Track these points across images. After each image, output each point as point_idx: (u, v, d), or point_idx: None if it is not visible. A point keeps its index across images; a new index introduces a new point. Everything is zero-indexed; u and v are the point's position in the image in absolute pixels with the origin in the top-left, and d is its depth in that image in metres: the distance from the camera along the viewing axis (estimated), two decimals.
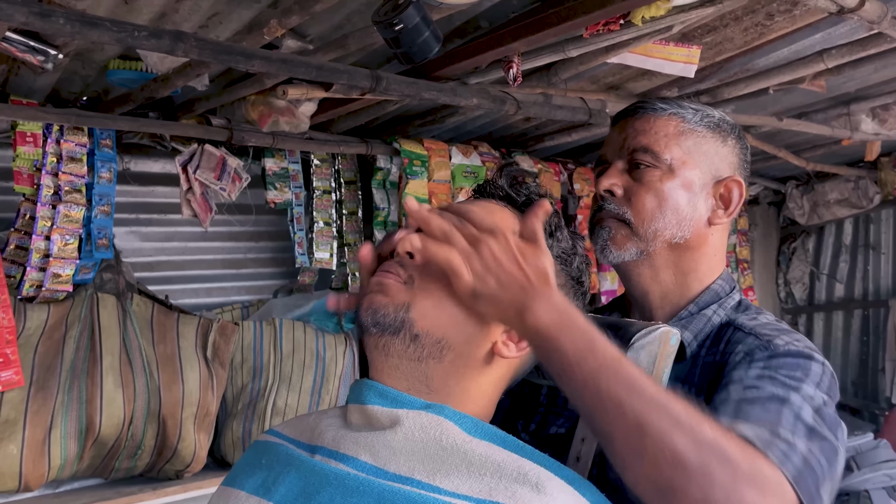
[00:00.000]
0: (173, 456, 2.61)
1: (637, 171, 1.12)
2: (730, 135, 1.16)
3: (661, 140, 1.11)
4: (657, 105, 1.14)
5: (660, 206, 1.10)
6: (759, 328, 1.04)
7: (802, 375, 0.93)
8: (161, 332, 2.62)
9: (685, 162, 1.11)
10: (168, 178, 2.92)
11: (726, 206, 1.14)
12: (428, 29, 1.48)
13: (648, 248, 1.12)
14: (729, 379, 0.96)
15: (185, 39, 1.65)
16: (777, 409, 0.87)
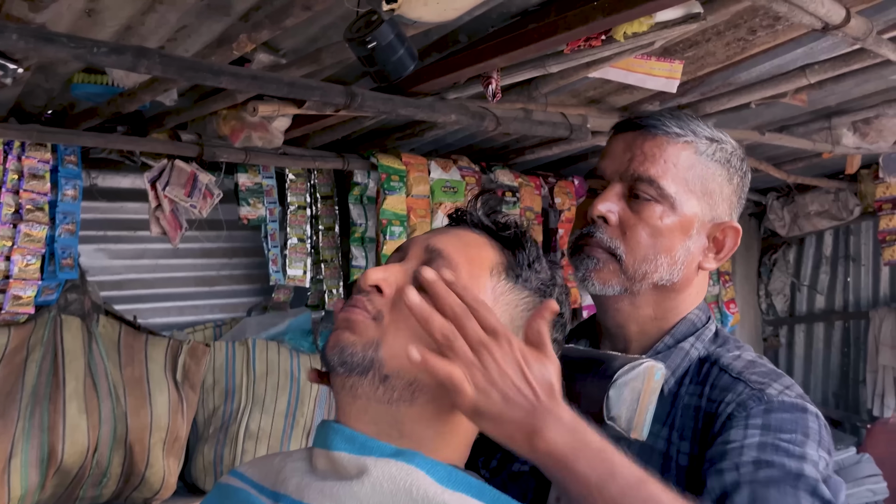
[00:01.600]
0: (141, 483, 2.53)
1: (637, 202, 1.04)
2: (736, 172, 1.09)
3: (670, 171, 1.03)
4: (671, 127, 1.04)
5: (654, 247, 1.03)
6: (746, 373, 0.99)
7: (803, 438, 0.89)
8: (129, 355, 2.54)
9: (688, 199, 1.04)
10: (137, 194, 2.84)
11: (718, 250, 1.08)
12: (402, 46, 1.42)
13: (633, 287, 1.06)
14: (727, 440, 0.91)
15: (148, 55, 1.58)
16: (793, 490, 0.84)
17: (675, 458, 0.97)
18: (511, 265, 0.87)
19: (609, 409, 0.89)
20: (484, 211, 0.90)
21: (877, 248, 4.48)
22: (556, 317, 0.90)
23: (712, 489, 0.87)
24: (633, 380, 0.90)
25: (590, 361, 0.95)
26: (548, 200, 3.61)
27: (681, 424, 0.99)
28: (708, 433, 0.95)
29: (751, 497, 0.84)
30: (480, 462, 1.09)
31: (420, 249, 0.86)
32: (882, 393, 4.42)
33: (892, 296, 4.56)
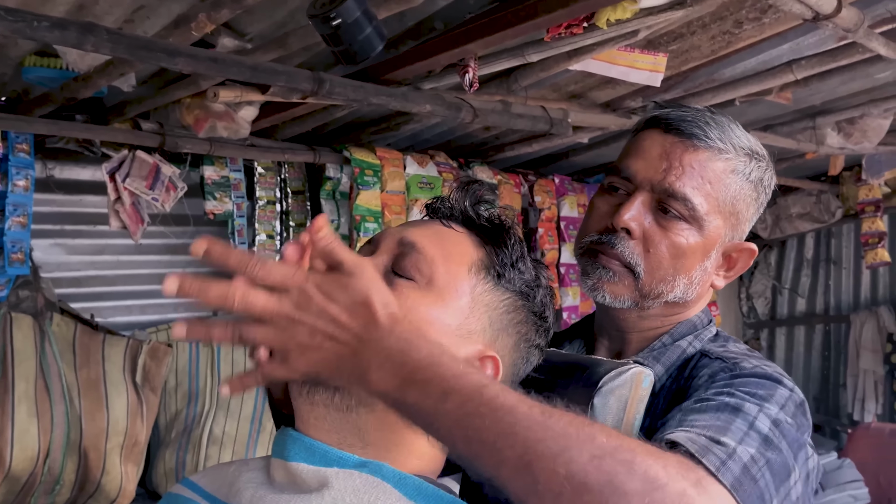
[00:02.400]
0: (97, 491, 2.42)
1: (665, 217, 0.97)
2: (764, 191, 1.03)
3: (705, 190, 0.96)
4: (714, 140, 0.97)
5: (674, 268, 0.98)
6: (726, 353, 0.94)
7: (766, 395, 0.82)
8: (84, 355, 2.43)
9: (716, 220, 0.98)
10: (98, 187, 2.72)
11: (729, 268, 1.03)
12: (370, 25, 1.32)
13: (645, 303, 1.00)
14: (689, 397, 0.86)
15: (95, 32, 1.47)
16: (728, 417, 0.76)
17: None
18: (493, 263, 0.80)
19: (594, 418, 0.83)
20: (469, 202, 0.83)
21: (858, 251, 4.47)
22: (540, 321, 0.83)
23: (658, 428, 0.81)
24: (619, 387, 0.84)
25: (573, 367, 0.89)
26: (528, 199, 3.55)
27: (661, 411, 0.94)
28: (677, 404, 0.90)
29: (682, 418, 0.78)
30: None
31: (392, 242, 0.79)
32: (863, 397, 4.41)
33: (872, 299, 4.55)
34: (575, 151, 3.41)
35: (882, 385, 4.39)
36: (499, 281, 0.79)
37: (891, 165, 3.88)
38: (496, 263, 0.80)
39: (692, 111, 1.00)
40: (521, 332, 0.81)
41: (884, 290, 4.51)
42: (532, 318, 0.82)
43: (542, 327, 0.84)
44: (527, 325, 0.82)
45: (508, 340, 0.80)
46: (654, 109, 1.05)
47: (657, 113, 1.02)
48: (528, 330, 0.82)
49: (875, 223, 4.15)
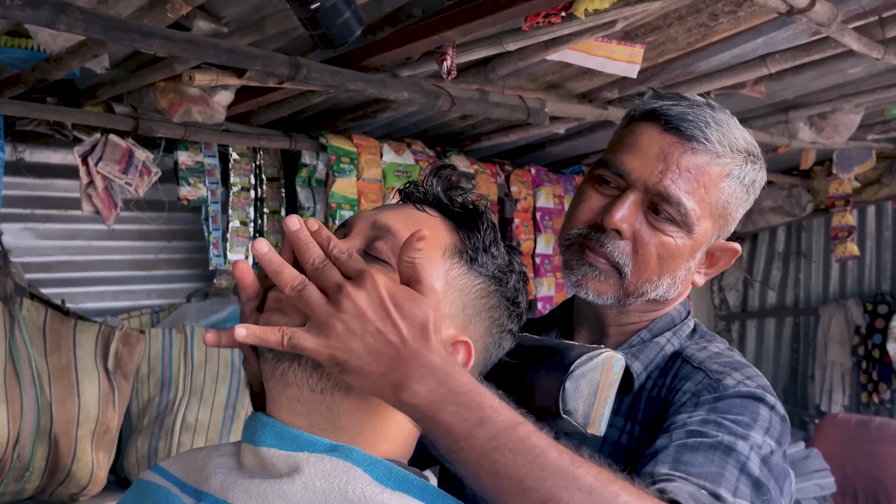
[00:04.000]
0: (67, 478, 2.38)
1: (656, 218, 0.96)
2: (752, 194, 1.01)
3: (699, 194, 0.95)
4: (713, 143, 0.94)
5: (661, 268, 0.98)
6: (708, 362, 0.94)
7: (750, 421, 0.84)
8: (55, 341, 2.38)
9: (707, 224, 0.98)
10: (69, 171, 2.69)
11: (710, 265, 1.03)
12: (348, 9, 1.31)
13: (628, 301, 1.00)
14: (672, 422, 0.86)
15: (68, 11, 1.44)
16: (721, 459, 0.78)
17: (639, 451, 0.92)
18: (466, 248, 0.79)
19: (565, 402, 0.84)
20: (441, 186, 0.83)
21: (828, 245, 4.54)
22: (513, 307, 0.83)
23: (644, 457, 0.82)
24: (590, 371, 0.84)
25: (545, 351, 0.89)
26: (504, 189, 3.55)
27: (643, 417, 0.95)
28: (661, 421, 0.90)
29: (675, 457, 0.79)
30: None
31: (366, 226, 0.78)
32: (830, 388, 4.48)
33: (841, 292, 4.62)
34: (552, 142, 3.42)
35: (849, 377, 4.46)
36: (472, 265, 0.79)
37: (861, 161, 3.94)
38: (469, 248, 0.80)
39: (693, 107, 0.97)
40: (494, 317, 0.81)
41: (852, 283, 4.58)
42: (505, 303, 0.82)
43: (515, 312, 0.84)
44: (499, 309, 0.82)
45: (481, 325, 0.80)
46: (652, 99, 1.00)
47: (655, 106, 0.98)
48: (500, 315, 0.82)
49: (845, 217, 4.21)
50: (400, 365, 0.67)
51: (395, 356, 0.67)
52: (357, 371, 0.67)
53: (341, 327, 0.66)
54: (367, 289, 0.67)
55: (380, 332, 0.66)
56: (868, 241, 4.49)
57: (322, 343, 0.67)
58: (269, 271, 0.69)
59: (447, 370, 0.68)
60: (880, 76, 2.71)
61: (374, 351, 0.67)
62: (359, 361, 0.67)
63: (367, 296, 0.67)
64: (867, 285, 4.51)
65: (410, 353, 0.67)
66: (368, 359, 0.67)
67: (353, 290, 0.67)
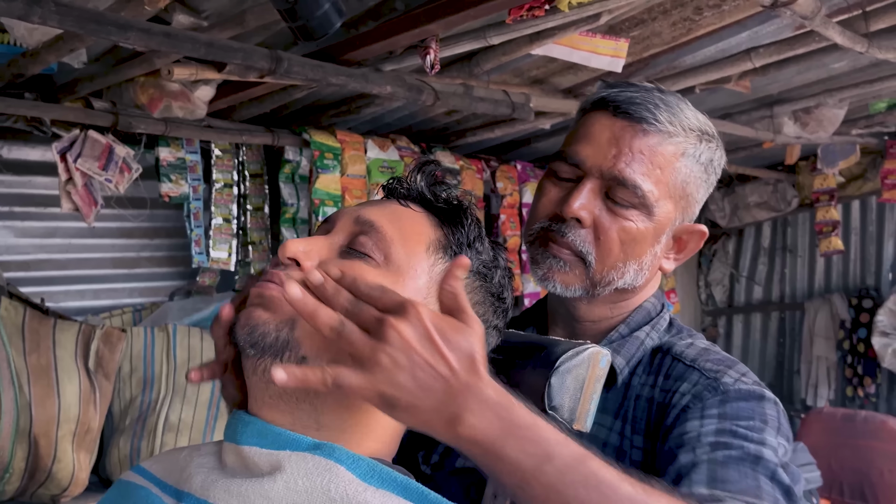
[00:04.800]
0: (48, 479, 2.35)
1: (615, 204, 0.96)
2: (714, 172, 1.01)
3: (655, 176, 0.95)
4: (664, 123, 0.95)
5: (625, 255, 0.97)
6: (700, 360, 0.94)
7: (761, 424, 0.85)
8: (34, 341, 2.35)
9: (667, 205, 0.97)
10: (48, 167, 2.65)
11: (679, 250, 1.03)
12: (328, 1, 1.29)
13: (596, 291, 0.99)
14: (684, 431, 0.86)
15: (42, 4, 1.41)
16: (753, 471, 0.80)
17: (629, 452, 0.93)
18: (450, 243, 0.79)
19: (551, 398, 0.83)
20: (425, 182, 0.82)
21: (813, 240, 4.56)
22: (498, 302, 0.83)
23: (668, 473, 0.82)
24: (576, 367, 0.84)
25: (531, 347, 0.89)
26: (490, 185, 3.54)
27: (633, 417, 0.95)
28: (661, 425, 0.90)
29: (709, 475, 0.79)
30: (421, 457, 1.02)
31: (349, 221, 0.78)
32: (816, 383, 4.50)
33: (826, 287, 4.64)
34: (537, 138, 3.41)
35: (834, 371, 4.48)
36: None
37: (845, 155, 3.96)
38: (453, 243, 0.79)
39: (641, 91, 0.97)
40: (479, 313, 0.80)
41: (837, 277, 4.60)
42: (490, 299, 0.82)
43: (500, 308, 0.84)
44: (484, 305, 0.81)
45: None
46: (602, 89, 1.01)
47: (604, 94, 0.99)
48: (485, 311, 0.81)
49: (829, 212, 4.23)
50: (453, 399, 0.65)
51: (447, 389, 0.64)
52: (408, 408, 0.65)
53: (388, 361, 0.64)
54: (410, 320, 0.65)
55: (428, 364, 0.64)
56: (852, 236, 4.52)
57: (368, 380, 0.64)
58: (304, 315, 0.66)
59: (504, 404, 0.66)
60: (864, 71, 2.72)
61: (425, 384, 0.64)
62: (409, 397, 0.64)
63: (412, 327, 0.64)
64: (852, 280, 4.54)
65: (463, 386, 0.65)
66: (420, 394, 0.64)
67: (397, 321, 0.64)
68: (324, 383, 0.65)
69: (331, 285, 0.68)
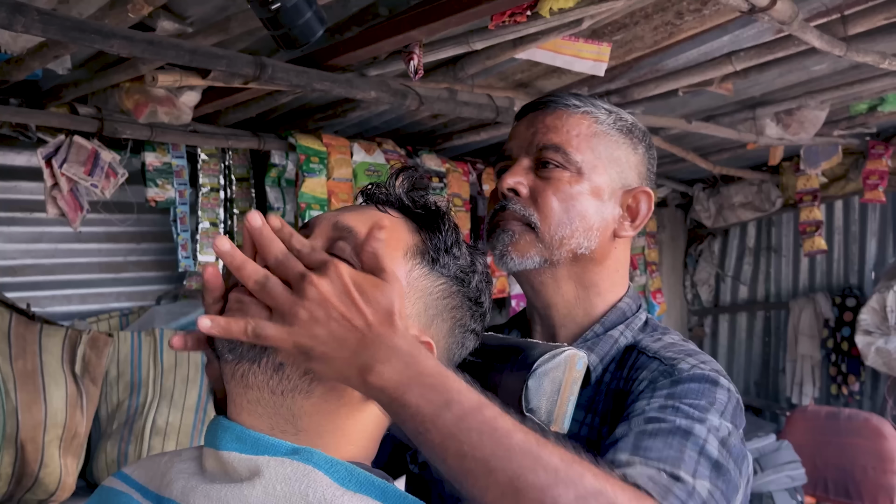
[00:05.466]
0: (35, 484, 2.35)
1: (545, 171, 1.02)
2: (641, 142, 1.08)
3: (573, 140, 1.02)
4: (570, 101, 1.05)
5: (567, 212, 1.01)
6: (662, 351, 0.96)
7: (707, 404, 0.85)
8: (20, 346, 2.34)
9: (596, 166, 1.02)
10: (34, 173, 2.64)
11: (633, 217, 1.06)
12: (310, 9, 1.31)
13: (553, 256, 1.02)
14: (631, 410, 0.88)
15: (25, 12, 1.42)
16: (680, 443, 0.79)
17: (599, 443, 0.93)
18: (427, 248, 0.80)
19: (528, 400, 0.85)
20: (404, 188, 0.84)
21: (797, 240, 4.60)
22: (475, 307, 0.84)
23: (604, 446, 0.83)
24: (553, 369, 0.85)
25: (509, 350, 0.90)
26: (476, 187, 3.55)
27: (602, 410, 0.97)
28: (620, 411, 0.92)
29: (634, 444, 0.80)
30: (409, 456, 1.03)
31: (327, 226, 0.79)
32: (801, 381, 4.54)
33: (810, 286, 4.68)
34: None
35: (819, 369, 4.52)
36: (433, 266, 0.80)
37: (827, 156, 3.99)
38: (431, 248, 0.80)
39: (555, 94, 1.07)
40: (457, 318, 0.82)
41: (821, 277, 4.64)
42: (467, 304, 0.83)
43: (478, 312, 0.84)
44: (462, 310, 0.82)
45: (443, 325, 0.80)
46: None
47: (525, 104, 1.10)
48: (463, 315, 0.82)
49: (813, 212, 4.27)
50: (366, 348, 0.67)
51: (361, 340, 0.67)
52: (322, 357, 0.68)
53: (305, 314, 0.67)
54: (330, 276, 0.68)
55: (344, 318, 0.67)
56: (836, 236, 4.56)
57: (286, 331, 0.67)
58: (231, 267, 0.69)
59: (413, 353, 0.68)
60: (844, 73, 2.75)
61: (340, 336, 0.67)
62: (324, 347, 0.67)
63: (331, 283, 0.67)
64: (835, 279, 4.58)
65: (376, 336, 0.67)
66: (334, 344, 0.67)
67: (317, 278, 0.67)
68: (244, 332, 0.67)
69: (267, 232, 0.70)
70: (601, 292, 1.05)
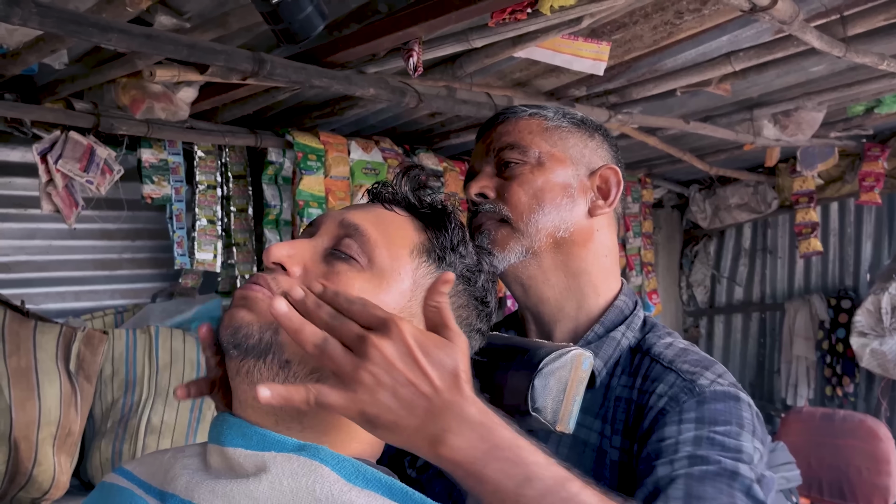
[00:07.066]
0: (28, 482, 2.32)
1: (507, 170, 1.06)
2: (595, 131, 1.11)
3: (527, 136, 1.06)
4: (518, 109, 1.10)
5: (536, 198, 1.03)
6: (678, 361, 0.95)
7: (738, 428, 0.86)
8: (14, 343, 2.32)
9: (553, 154, 1.06)
10: (28, 169, 2.63)
11: (605, 196, 1.07)
12: (310, 3, 1.30)
13: (533, 244, 1.03)
14: (662, 437, 0.87)
15: (22, 4, 1.40)
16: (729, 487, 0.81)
17: (609, 452, 0.94)
18: (434, 247, 0.80)
19: (534, 400, 0.84)
20: (410, 186, 0.83)
21: (793, 241, 4.61)
22: (482, 306, 0.83)
23: (646, 485, 0.83)
24: (559, 369, 0.85)
25: (515, 350, 0.90)
26: None
27: (613, 417, 0.95)
28: (638, 426, 0.91)
29: (686, 491, 0.80)
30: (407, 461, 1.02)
31: (334, 225, 0.78)
32: (795, 382, 4.55)
33: (806, 287, 4.69)
34: None
35: (814, 371, 4.54)
36: (440, 265, 0.79)
37: (824, 158, 4.01)
38: (437, 247, 0.80)
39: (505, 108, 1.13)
40: (462, 317, 0.81)
41: (816, 278, 4.66)
42: (473, 303, 0.83)
43: (484, 312, 0.84)
44: (468, 309, 0.82)
45: None
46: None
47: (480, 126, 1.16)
48: (469, 314, 0.82)
49: (808, 214, 4.28)
50: (436, 418, 0.65)
51: (429, 408, 0.65)
52: (390, 426, 0.65)
53: (369, 379, 0.64)
54: (392, 337, 0.65)
55: (410, 383, 0.64)
56: (831, 238, 4.57)
57: (350, 398, 0.64)
58: (289, 332, 0.66)
59: (486, 424, 0.66)
60: (842, 74, 2.75)
61: (407, 403, 0.64)
62: (391, 416, 0.64)
63: (393, 344, 0.64)
64: (831, 280, 4.59)
65: (445, 404, 0.65)
66: (401, 413, 0.64)
67: (378, 339, 0.64)
68: (307, 402, 0.65)
69: (311, 300, 0.67)
70: (593, 281, 1.05)
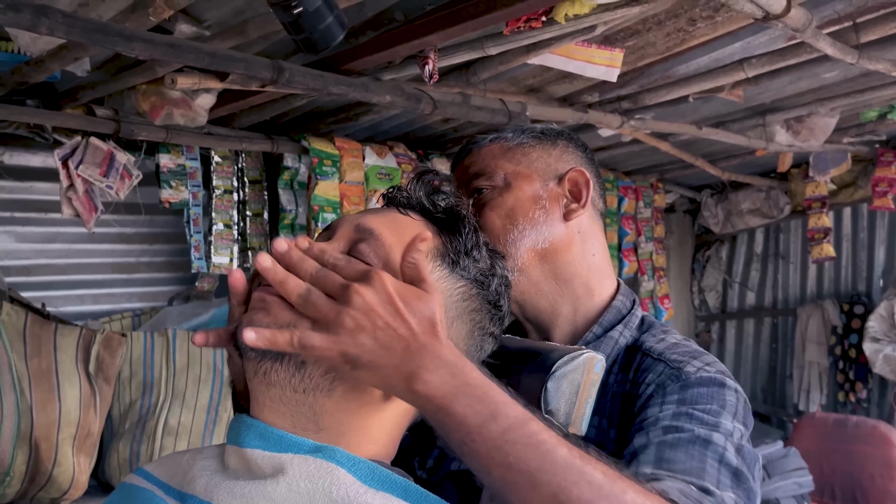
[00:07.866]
0: (48, 482, 2.36)
1: (479, 198, 1.08)
2: (558, 138, 1.13)
3: (491, 162, 1.09)
4: (477, 139, 1.13)
5: (509, 218, 1.05)
6: (667, 353, 0.98)
7: (719, 408, 0.88)
8: (35, 345, 2.36)
9: (519, 173, 1.08)
10: (49, 174, 2.67)
11: (577, 198, 1.09)
12: (331, 14, 1.32)
13: (517, 262, 1.05)
14: (644, 417, 0.89)
15: (49, 14, 1.43)
16: (700, 453, 0.82)
17: (607, 445, 0.95)
18: (448, 251, 0.81)
19: (547, 402, 0.86)
20: (424, 191, 0.85)
21: (805, 246, 4.59)
22: (495, 310, 0.84)
23: (624, 456, 0.85)
24: (572, 371, 0.86)
25: (528, 353, 0.92)
26: None
27: (609, 411, 0.98)
28: (628, 414, 0.94)
29: (657, 456, 0.82)
30: (416, 462, 1.04)
31: (349, 229, 0.80)
32: (808, 388, 4.54)
33: (818, 293, 4.68)
34: None
35: (826, 376, 4.52)
36: (454, 269, 0.81)
37: (836, 163, 4.00)
38: (451, 251, 0.81)
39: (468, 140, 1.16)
40: (476, 320, 0.82)
41: (829, 284, 4.64)
42: (487, 307, 0.84)
43: (497, 316, 0.85)
44: (481, 313, 0.83)
45: (463, 328, 0.81)
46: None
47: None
48: (482, 318, 0.83)
49: (821, 219, 4.27)
50: (412, 357, 0.68)
51: (406, 349, 0.68)
52: (368, 365, 0.69)
53: (350, 322, 0.68)
54: (374, 285, 0.69)
55: (389, 326, 0.68)
56: (844, 243, 4.56)
57: (332, 340, 0.68)
58: (274, 282, 0.70)
59: (458, 364, 0.70)
60: (855, 80, 2.76)
61: (385, 344, 0.68)
62: (370, 355, 0.68)
63: (375, 292, 0.69)
64: (843, 286, 4.58)
65: (421, 345, 0.69)
66: (380, 352, 0.68)
67: (361, 287, 0.68)
68: (290, 344, 0.68)
69: (296, 254, 0.72)
70: (585, 283, 1.07)
